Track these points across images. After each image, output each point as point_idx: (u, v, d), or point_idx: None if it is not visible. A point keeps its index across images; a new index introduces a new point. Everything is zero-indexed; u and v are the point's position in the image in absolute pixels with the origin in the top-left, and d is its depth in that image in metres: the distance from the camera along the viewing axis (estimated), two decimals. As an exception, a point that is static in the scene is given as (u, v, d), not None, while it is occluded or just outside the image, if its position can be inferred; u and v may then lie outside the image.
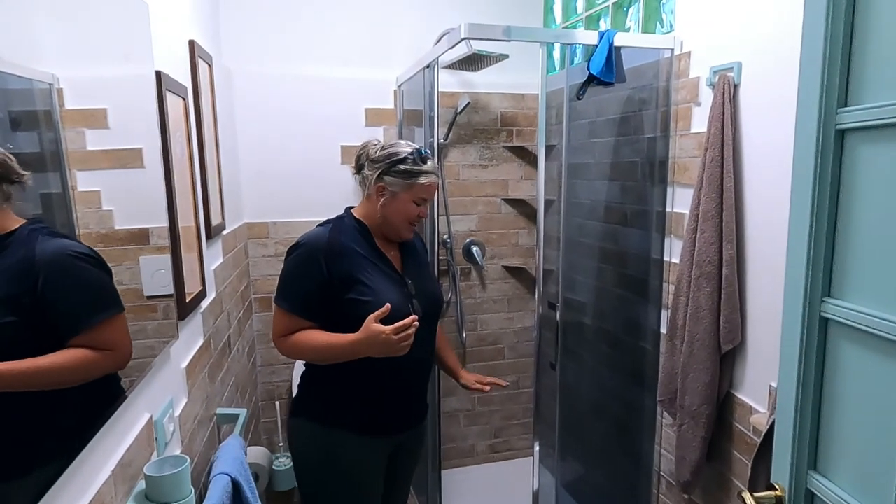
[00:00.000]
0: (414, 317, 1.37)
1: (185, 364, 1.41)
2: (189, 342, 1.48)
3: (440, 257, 2.52)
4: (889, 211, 0.76)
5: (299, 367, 2.51)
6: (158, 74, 1.29)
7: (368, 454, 1.54)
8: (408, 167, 1.48)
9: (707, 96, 1.67)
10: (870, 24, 0.79)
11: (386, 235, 1.56)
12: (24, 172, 0.76)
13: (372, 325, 1.36)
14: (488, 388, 1.75)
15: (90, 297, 0.93)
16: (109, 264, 1.04)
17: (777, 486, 0.95)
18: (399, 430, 1.60)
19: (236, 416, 1.73)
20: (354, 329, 1.38)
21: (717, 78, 1.59)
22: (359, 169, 1.55)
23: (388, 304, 1.38)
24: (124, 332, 0.99)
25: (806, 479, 0.92)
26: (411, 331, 1.36)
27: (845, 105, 0.82)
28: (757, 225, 1.55)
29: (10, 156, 0.74)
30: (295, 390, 2.51)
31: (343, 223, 1.54)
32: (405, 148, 1.50)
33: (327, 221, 1.56)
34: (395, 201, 1.50)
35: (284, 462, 2.38)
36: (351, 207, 1.60)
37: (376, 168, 1.49)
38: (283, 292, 1.49)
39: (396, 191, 1.49)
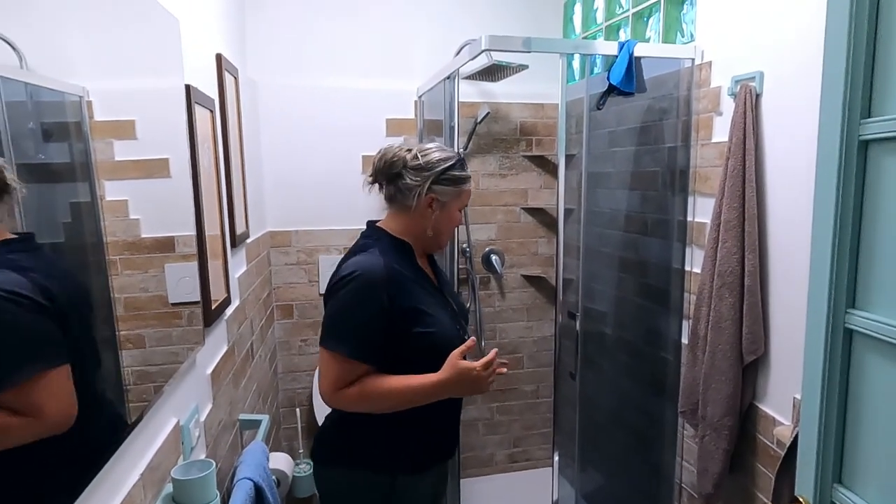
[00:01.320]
0: (495, 350, 1.27)
1: (210, 370, 1.44)
2: (214, 349, 1.51)
3: (459, 266, 2.53)
4: (914, 222, 0.76)
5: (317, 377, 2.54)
6: (188, 88, 1.33)
7: (425, 491, 1.42)
8: (457, 173, 1.33)
9: (728, 106, 1.66)
10: (893, 35, 0.79)
11: (425, 250, 1.42)
12: (13, 179, 0.69)
13: (460, 363, 1.22)
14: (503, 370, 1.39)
15: (11, 349, 0.72)
16: (136, 272, 1.06)
17: (801, 500, 0.94)
18: (446, 456, 1.46)
19: (259, 422, 1.76)
20: (417, 366, 1.25)
21: (738, 87, 1.58)
22: (391, 179, 1.33)
23: (472, 339, 1.27)
24: (58, 391, 0.76)
25: (831, 492, 0.91)
26: (497, 365, 1.24)
27: (868, 116, 0.82)
28: (780, 235, 1.53)
29: (6, 165, 0.69)
30: (316, 401, 2.55)
31: (384, 244, 1.32)
32: (449, 152, 1.34)
33: (365, 244, 1.33)
34: (446, 212, 1.34)
35: (305, 469, 2.40)
36: (374, 222, 1.41)
37: (425, 177, 1.29)
38: (338, 334, 1.24)
39: (446, 200, 1.33)
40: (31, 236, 0.76)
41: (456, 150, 1.47)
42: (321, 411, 2.52)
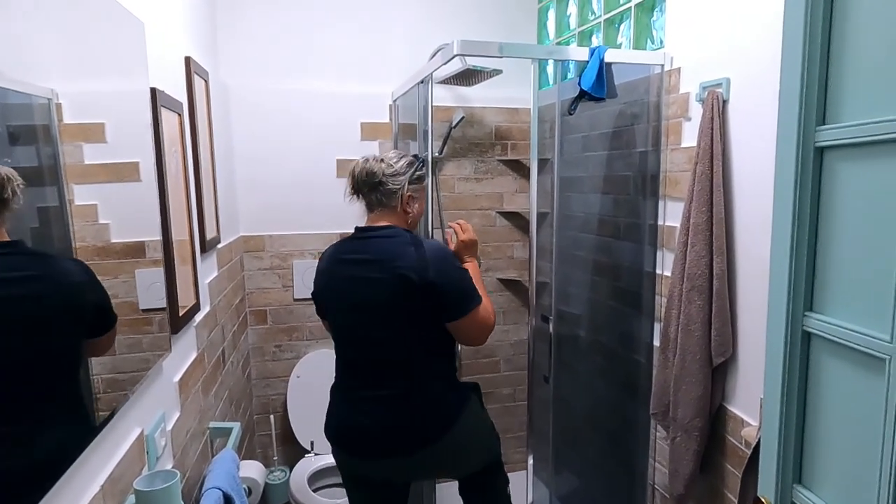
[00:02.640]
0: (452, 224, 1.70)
1: (178, 378, 1.42)
2: (182, 356, 1.49)
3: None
4: (866, 227, 0.78)
5: (294, 381, 2.52)
6: (153, 91, 1.31)
7: None
8: (420, 173, 1.62)
9: (697, 111, 1.69)
10: (845, 45, 0.81)
11: None
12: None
13: (465, 240, 1.67)
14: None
15: None
16: (106, 277, 1.04)
17: (763, 500, 0.96)
18: None
19: (229, 430, 1.73)
20: None
21: (706, 93, 1.61)
22: (373, 188, 1.55)
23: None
24: None
25: (791, 492, 0.93)
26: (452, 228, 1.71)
27: (823, 123, 0.84)
28: (746, 238, 1.56)
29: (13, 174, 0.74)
30: (291, 406, 2.52)
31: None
32: (409, 157, 1.62)
33: (408, 236, 1.54)
34: (419, 206, 1.63)
35: (278, 476, 2.38)
36: (362, 227, 1.61)
37: (402, 180, 1.55)
38: (473, 292, 1.55)
39: (418, 196, 1.61)
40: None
41: (411, 152, 1.78)
42: (296, 418, 2.50)
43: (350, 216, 2.57)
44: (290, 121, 2.47)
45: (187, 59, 1.67)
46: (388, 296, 1.47)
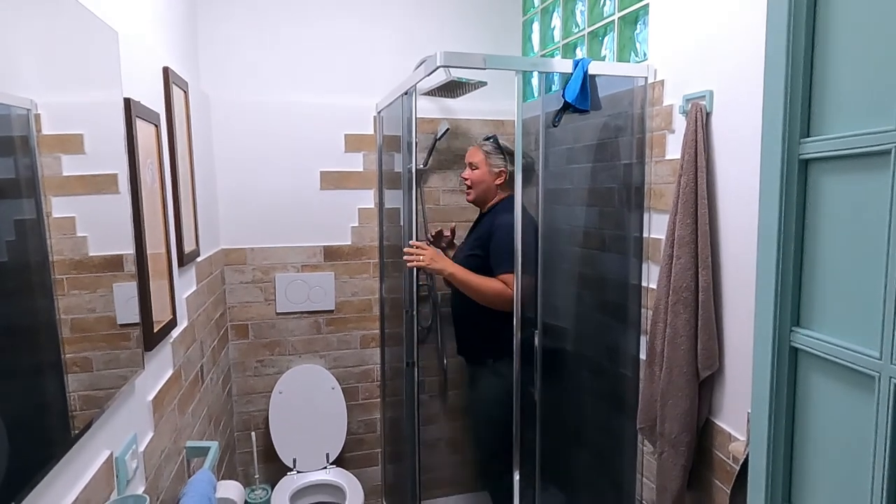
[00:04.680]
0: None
1: (151, 397, 1.37)
2: (157, 373, 1.44)
3: (420, 283, 2.50)
4: (851, 240, 0.76)
5: (277, 397, 2.47)
6: (127, 101, 1.27)
7: None
8: None
9: (681, 124, 1.68)
10: (828, 57, 0.80)
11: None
12: None
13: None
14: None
15: None
16: (83, 292, 1.02)
17: (752, 520, 0.93)
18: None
19: (207, 449, 1.68)
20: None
21: (689, 106, 1.61)
22: None
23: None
24: None
25: (781, 512, 0.90)
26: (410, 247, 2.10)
27: (808, 135, 0.83)
28: (731, 251, 1.55)
29: None
30: (273, 424, 2.47)
31: None
32: None
33: None
34: None
35: (260, 495, 2.32)
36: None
37: None
38: None
39: None
40: None
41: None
42: (278, 434, 2.45)
43: (335, 229, 2.55)
44: (273, 132, 2.44)
45: (165, 70, 1.64)
46: None
